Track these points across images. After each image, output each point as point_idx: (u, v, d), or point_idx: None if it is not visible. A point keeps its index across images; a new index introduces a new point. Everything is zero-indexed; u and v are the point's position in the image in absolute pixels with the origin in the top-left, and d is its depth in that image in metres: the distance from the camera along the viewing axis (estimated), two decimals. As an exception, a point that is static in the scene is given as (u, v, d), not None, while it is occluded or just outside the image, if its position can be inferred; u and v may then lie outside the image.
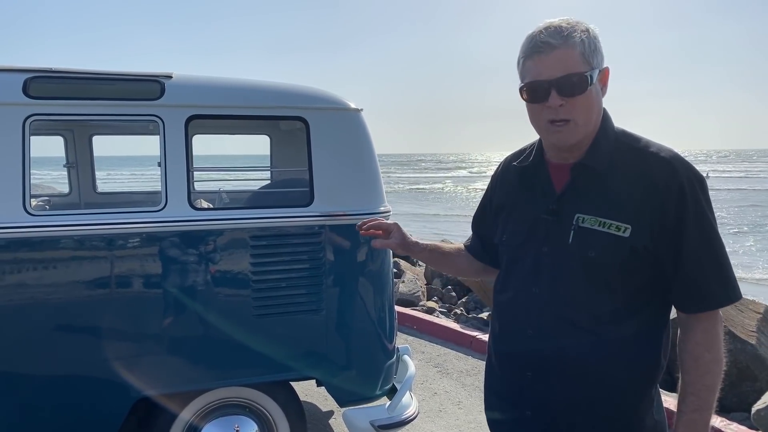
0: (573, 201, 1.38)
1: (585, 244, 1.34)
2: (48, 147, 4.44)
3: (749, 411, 3.55)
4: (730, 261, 1.34)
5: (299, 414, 2.87)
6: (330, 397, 2.95)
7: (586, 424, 1.38)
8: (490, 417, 1.60)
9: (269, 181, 3.86)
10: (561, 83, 1.29)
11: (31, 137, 2.43)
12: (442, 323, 5.66)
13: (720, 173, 51.18)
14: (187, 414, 2.70)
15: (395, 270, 6.69)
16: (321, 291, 2.76)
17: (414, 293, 6.45)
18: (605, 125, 1.41)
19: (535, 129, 1.42)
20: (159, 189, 2.58)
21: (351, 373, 2.87)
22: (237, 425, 2.75)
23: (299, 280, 2.74)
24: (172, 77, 2.63)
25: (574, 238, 1.36)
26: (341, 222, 2.77)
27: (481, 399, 1.68)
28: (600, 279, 1.33)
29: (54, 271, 2.43)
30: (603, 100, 1.39)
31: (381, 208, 2.90)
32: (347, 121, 2.88)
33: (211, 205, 3.66)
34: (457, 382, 4.58)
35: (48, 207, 3.95)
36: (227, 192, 4.17)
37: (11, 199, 2.36)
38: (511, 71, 1.44)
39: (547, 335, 1.39)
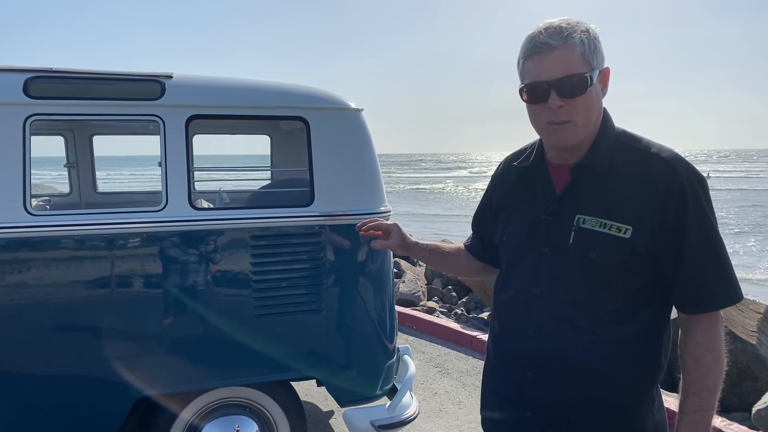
0: (573, 202, 1.38)
1: (586, 244, 1.34)
2: (48, 147, 4.45)
3: (750, 411, 3.55)
4: (731, 261, 1.34)
5: (299, 414, 2.87)
6: (330, 397, 2.95)
7: (586, 424, 1.38)
8: (487, 417, 1.59)
9: (269, 181, 3.86)
10: (561, 84, 1.29)
11: (32, 137, 2.43)
12: (442, 323, 5.66)
13: (721, 173, 51.14)
14: (188, 414, 2.70)
15: (395, 270, 6.69)
16: (321, 291, 2.76)
17: (414, 293, 6.45)
18: (606, 126, 1.40)
19: (535, 129, 1.42)
20: (159, 189, 2.58)
21: (351, 373, 2.87)
22: (237, 425, 2.75)
23: (299, 280, 2.74)
24: (172, 77, 2.63)
25: (574, 238, 1.36)
26: (341, 222, 2.77)
27: (482, 399, 1.67)
28: (600, 280, 1.33)
29: (54, 271, 2.43)
30: (603, 100, 1.39)
31: (381, 208, 2.90)
32: (347, 121, 2.88)
33: (212, 205, 3.66)
34: (458, 382, 4.58)
35: (48, 207, 3.95)
36: (228, 192, 4.17)
37: (12, 199, 2.36)
38: (512, 71, 1.44)
39: (548, 336, 1.39)
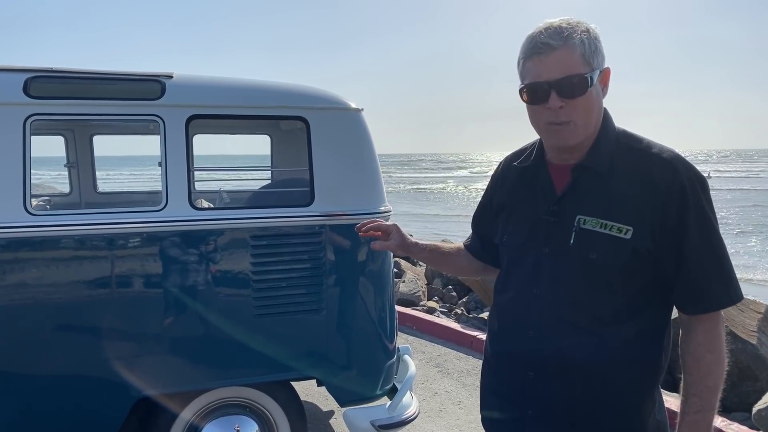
0: (574, 202, 1.38)
1: (586, 245, 1.34)
2: (48, 147, 4.45)
3: (750, 411, 3.55)
4: (731, 262, 1.33)
5: (300, 414, 2.87)
6: (330, 397, 2.95)
7: (588, 424, 1.38)
8: (487, 416, 1.59)
9: (270, 181, 3.86)
10: (561, 85, 1.29)
11: (32, 137, 2.43)
12: (442, 323, 5.66)
13: (721, 173, 51.09)
14: (188, 414, 2.70)
15: (396, 270, 6.69)
16: (321, 291, 2.76)
17: (414, 293, 6.44)
18: (606, 126, 1.40)
19: (536, 130, 1.42)
20: (159, 189, 2.58)
21: (351, 373, 2.86)
22: (237, 425, 2.75)
23: (300, 279, 2.74)
24: (172, 77, 2.62)
25: (575, 239, 1.35)
26: (342, 222, 2.77)
27: (483, 399, 1.67)
28: (601, 280, 1.33)
29: (55, 271, 2.43)
30: (603, 100, 1.39)
31: (381, 207, 2.90)
32: (348, 121, 2.87)
33: (212, 205, 3.66)
34: (458, 382, 4.58)
35: (49, 207, 3.95)
36: (228, 192, 4.17)
37: (12, 199, 2.36)
38: (512, 71, 1.44)
39: (548, 336, 1.38)
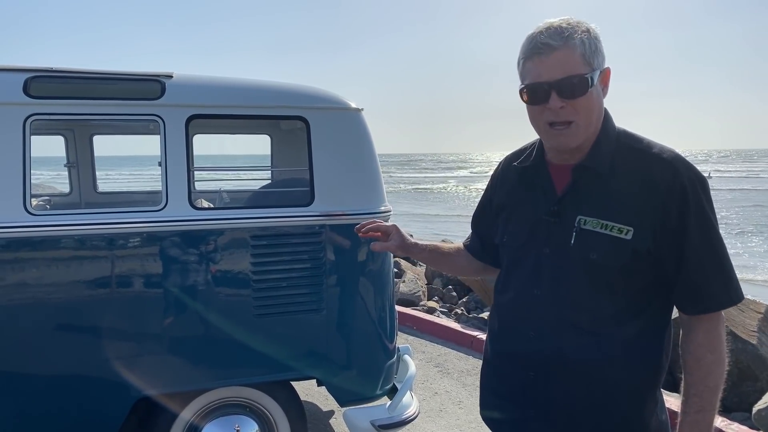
0: (574, 203, 1.38)
1: (587, 246, 1.34)
2: (48, 147, 4.45)
3: (750, 411, 3.55)
4: (731, 262, 1.33)
5: (300, 414, 2.87)
6: (330, 397, 2.95)
7: (589, 424, 1.38)
8: (488, 416, 1.59)
9: (270, 181, 3.86)
10: (561, 85, 1.29)
11: (32, 137, 2.43)
12: (442, 323, 5.66)
13: (722, 173, 51.06)
14: (188, 414, 2.70)
15: (396, 270, 6.69)
16: (321, 291, 2.76)
17: (414, 293, 6.44)
18: (606, 126, 1.40)
19: (536, 131, 1.42)
20: (159, 189, 2.58)
21: (351, 373, 2.86)
22: (237, 425, 2.75)
23: (300, 279, 2.74)
24: (172, 77, 2.62)
25: (575, 240, 1.35)
26: (342, 222, 2.77)
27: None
28: (602, 281, 1.33)
29: (54, 271, 2.43)
30: (604, 100, 1.39)
31: (381, 207, 2.90)
32: (348, 121, 2.87)
33: (212, 205, 3.66)
34: (458, 381, 4.57)
35: (48, 206, 3.95)
36: (228, 192, 4.17)
37: (12, 199, 2.36)
38: (512, 70, 1.43)
39: (549, 337, 1.38)
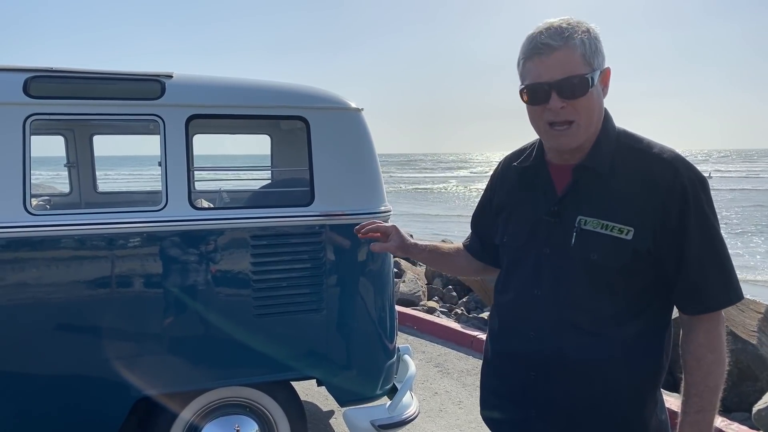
0: (575, 203, 1.38)
1: (587, 246, 1.34)
2: (48, 147, 4.45)
3: (750, 411, 3.55)
4: (731, 262, 1.33)
5: (300, 414, 2.87)
6: (330, 397, 2.95)
7: (590, 424, 1.38)
8: (488, 416, 1.59)
9: (270, 181, 3.85)
10: (562, 85, 1.29)
11: (32, 137, 2.43)
12: (442, 323, 5.66)
13: (722, 173, 51.04)
14: (188, 414, 2.69)
15: (396, 270, 6.69)
16: (321, 291, 2.76)
17: (414, 293, 6.44)
18: (606, 126, 1.40)
19: (536, 131, 1.42)
20: (159, 189, 2.58)
21: (351, 373, 2.86)
22: (237, 425, 2.75)
23: (300, 279, 2.73)
24: (172, 77, 2.62)
25: (576, 240, 1.35)
26: (342, 222, 2.77)
27: (483, 399, 1.67)
28: (602, 281, 1.33)
29: (54, 271, 2.43)
30: (604, 100, 1.39)
31: (381, 207, 2.90)
32: (348, 121, 2.87)
33: (212, 205, 3.66)
34: (458, 381, 4.57)
35: (48, 206, 3.95)
36: (228, 192, 4.17)
37: (12, 199, 2.36)
38: (512, 70, 1.44)
39: (549, 337, 1.38)
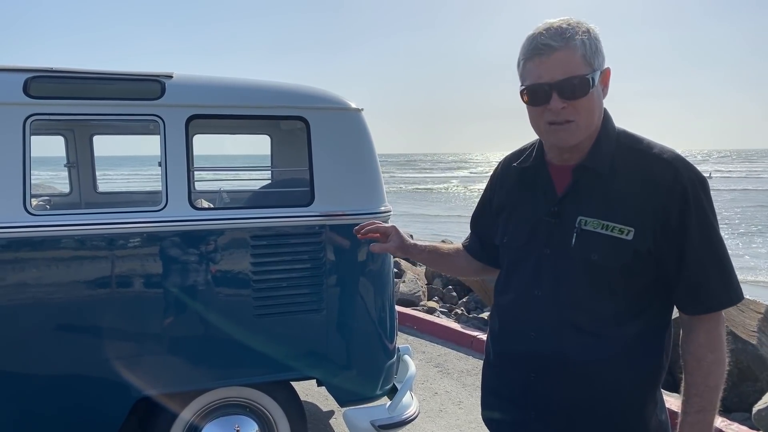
0: (575, 203, 1.38)
1: (587, 246, 1.33)
2: (48, 147, 4.45)
3: (750, 411, 3.55)
4: (732, 262, 1.33)
5: (300, 414, 2.87)
6: (330, 397, 2.95)
7: (590, 425, 1.38)
8: (488, 417, 1.59)
9: (270, 181, 3.85)
10: (562, 86, 1.29)
11: (32, 137, 2.43)
12: (442, 323, 5.66)
13: (722, 173, 51.03)
14: (188, 414, 2.69)
15: (396, 270, 6.69)
16: (321, 291, 2.76)
17: (414, 293, 6.44)
18: (606, 126, 1.40)
19: (536, 131, 1.42)
20: (159, 189, 2.58)
21: (351, 373, 2.86)
22: (237, 425, 2.75)
23: (300, 279, 2.73)
24: (172, 77, 2.62)
25: (576, 240, 1.35)
26: (342, 222, 2.77)
27: (483, 399, 1.67)
28: (602, 282, 1.33)
29: (55, 271, 2.43)
30: (603, 100, 1.39)
31: (381, 208, 2.90)
32: (348, 121, 2.87)
33: (212, 205, 3.66)
34: (458, 382, 4.57)
35: (48, 207, 3.95)
36: (228, 192, 4.17)
37: (12, 199, 2.36)
38: (512, 70, 1.43)
39: (549, 337, 1.38)
